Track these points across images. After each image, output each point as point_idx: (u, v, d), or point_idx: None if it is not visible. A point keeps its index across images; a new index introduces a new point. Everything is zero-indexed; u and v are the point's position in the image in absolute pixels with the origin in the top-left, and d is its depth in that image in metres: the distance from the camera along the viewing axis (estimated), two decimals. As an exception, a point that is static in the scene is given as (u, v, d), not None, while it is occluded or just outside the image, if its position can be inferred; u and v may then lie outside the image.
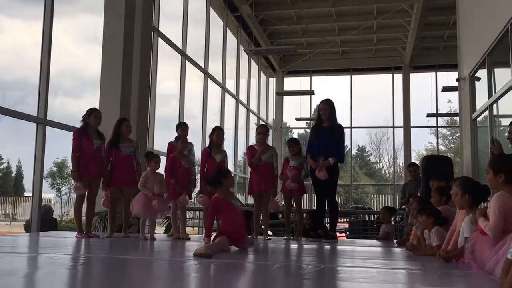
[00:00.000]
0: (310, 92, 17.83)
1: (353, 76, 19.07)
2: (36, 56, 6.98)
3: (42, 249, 4.95)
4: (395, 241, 6.17)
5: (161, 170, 5.92)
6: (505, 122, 8.18)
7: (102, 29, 8.14)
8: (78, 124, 6.05)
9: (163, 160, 6.38)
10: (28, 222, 8.15)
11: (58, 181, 24.07)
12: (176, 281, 3.04)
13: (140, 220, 5.75)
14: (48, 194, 22.81)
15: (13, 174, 26.15)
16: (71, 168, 5.91)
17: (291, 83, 19.90)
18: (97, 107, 7.14)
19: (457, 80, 10.15)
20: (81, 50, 10.36)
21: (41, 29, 6.96)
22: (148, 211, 5.59)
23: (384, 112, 19.20)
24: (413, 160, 18.26)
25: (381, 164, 28.21)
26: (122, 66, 7.95)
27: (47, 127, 6.80)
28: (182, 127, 6.54)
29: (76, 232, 5.85)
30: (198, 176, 6.54)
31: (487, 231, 3.22)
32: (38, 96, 6.83)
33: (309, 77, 19.37)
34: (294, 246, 5.51)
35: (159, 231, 8.08)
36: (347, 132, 19.08)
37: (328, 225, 6.30)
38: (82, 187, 5.72)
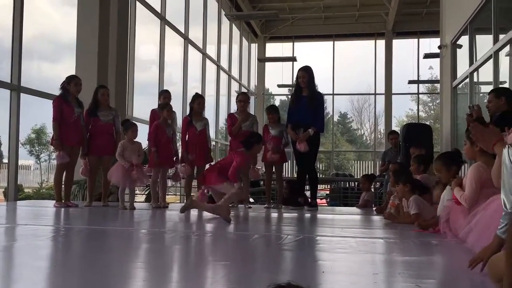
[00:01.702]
0: (293, 59, 17.64)
1: (335, 42, 18.89)
2: (8, 18, 6.70)
3: (20, 219, 4.88)
4: (374, 208, 6.26)
5: (139, 138, 5.84)
6: (485, 89, 8.24)
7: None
8: (55, 90, 5.90)
9: (145, 127, 6.30)
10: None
11: (37, 148, 23.71)
12: (156, 253, 3.02)
13: (119, 189, 5.70)
14: (28, 161, 22.49)
15: (-10, 141, 25.65)
16: (51, 136, 5.82)
17: (273, 49, 19.61)
18: (74, 72, 6.97)
19: (439, 47, 10.13)
20: (57, 13, 10.00)
21: (12, -10, 6.66)
22: (126, 180, 5.54)
23: (366, 78, 19.17)
24: (393, 127, 18.40)
25: (362, 131, 28.38)
26: (99, 30, 7.70)
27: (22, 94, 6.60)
28: (164, 95, 6.47)
29: (55, 201, 5.78)
30: (179, 145, 6.47)
31: (462, 202, 3.25)
32: (11, 61, 6.59)
33: (291, 43, 19.12)
34: (274, 214, 5.54)
35: (139, 199, 8.06)
36: (329, 98, 19.08)
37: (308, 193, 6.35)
38: (66, 155, 5.61)
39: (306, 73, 5.96)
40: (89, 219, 4.89)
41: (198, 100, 6.12)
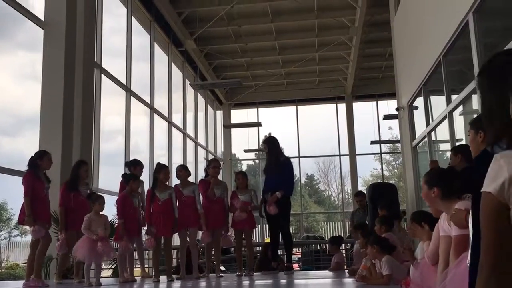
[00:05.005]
0: (258, 124, 18.01)
1: (298, 106, 19.47)
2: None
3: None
4: (347, 270, 6.22)
5: (105, 210, 5.71)
6: (443, 146, 8.57)
7: (41, 66, 7.88)
8: (16, 165, 5.77)
9: (113, 198, 6.18)
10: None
11: (-4, 225, 22.68)
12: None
13: (85, 265, 5.47)
14: (-15, 239, 21.39)
15: None
16: (11, 212, 5.62)
17: (238, 115, 20.02)
18: (37, 146, 6.87)
19: (397, 109, 10.56)
20: (19, 88, 9.98)
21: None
22: (92, 255, 5.35)
23: (330, 140, 19.64)
24: (360, 187, 18.67)
25: (329, 192, 28.62)
26: (63, 104, 7.68)
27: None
28: (139, 166, 6.48)
29: (34, 279, 5.39)
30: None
31: (426, 258, 3.32)
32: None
33: (255, 109, 19.58)
34: (246, 282, 5.41)
35: (106, 274, 7.74)
36: (295, 161, 19.33)
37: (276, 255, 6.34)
38: (41, 228, 5.37)
39: (267, 144, 6.48)
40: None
41: (164, 170, 6.08)
